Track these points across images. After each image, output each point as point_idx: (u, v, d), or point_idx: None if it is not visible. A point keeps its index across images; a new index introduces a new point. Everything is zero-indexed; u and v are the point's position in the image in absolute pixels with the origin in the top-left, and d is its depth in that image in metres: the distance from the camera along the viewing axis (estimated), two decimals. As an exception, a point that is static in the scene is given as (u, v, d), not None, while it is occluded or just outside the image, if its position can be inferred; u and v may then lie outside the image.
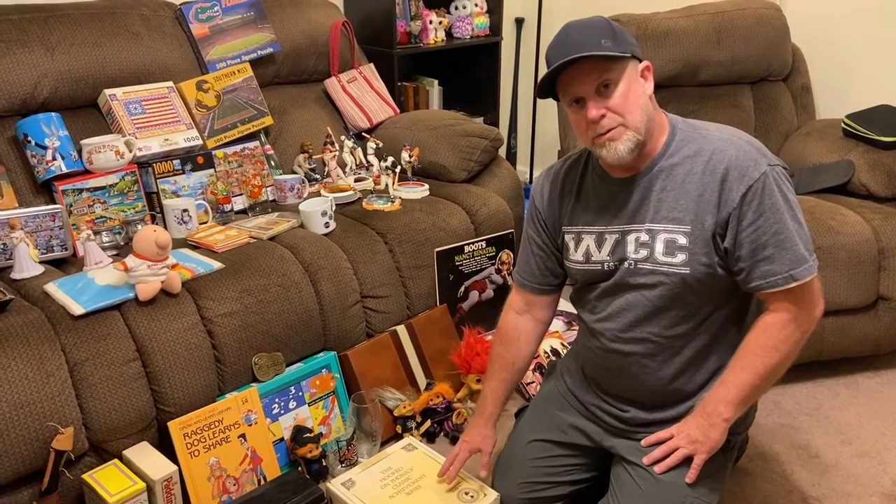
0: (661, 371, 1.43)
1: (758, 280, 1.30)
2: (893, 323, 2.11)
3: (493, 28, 3.30)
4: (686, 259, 1.33)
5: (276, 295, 1.80)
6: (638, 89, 1.31)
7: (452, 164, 2.41)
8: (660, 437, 1.45)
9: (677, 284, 1.35)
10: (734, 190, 1.28)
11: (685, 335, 1.40)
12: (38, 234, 1.82)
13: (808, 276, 1.28)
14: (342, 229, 2.06)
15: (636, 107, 1.30)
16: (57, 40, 2.04)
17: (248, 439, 1.71)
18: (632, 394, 1.49)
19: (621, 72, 1.29)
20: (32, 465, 1.47)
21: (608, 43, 1.27)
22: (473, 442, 1.61)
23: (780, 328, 1.31)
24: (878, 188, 2.21)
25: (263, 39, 2.46)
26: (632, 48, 1.31)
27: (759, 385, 1.34)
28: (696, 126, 1.38)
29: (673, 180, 1.34)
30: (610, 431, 1.54)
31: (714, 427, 1.38)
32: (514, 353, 1.62)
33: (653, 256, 1.36)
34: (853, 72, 2.65)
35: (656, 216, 1.35)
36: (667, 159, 1.35)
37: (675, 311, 1.38)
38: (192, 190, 2.14)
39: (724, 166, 1.29)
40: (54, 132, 1.94)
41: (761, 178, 1.27)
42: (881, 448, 1.90)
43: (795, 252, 1.28)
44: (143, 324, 1.62)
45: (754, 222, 1.27)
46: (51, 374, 1.48)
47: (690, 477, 1.40)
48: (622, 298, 1.42)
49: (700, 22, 2.56)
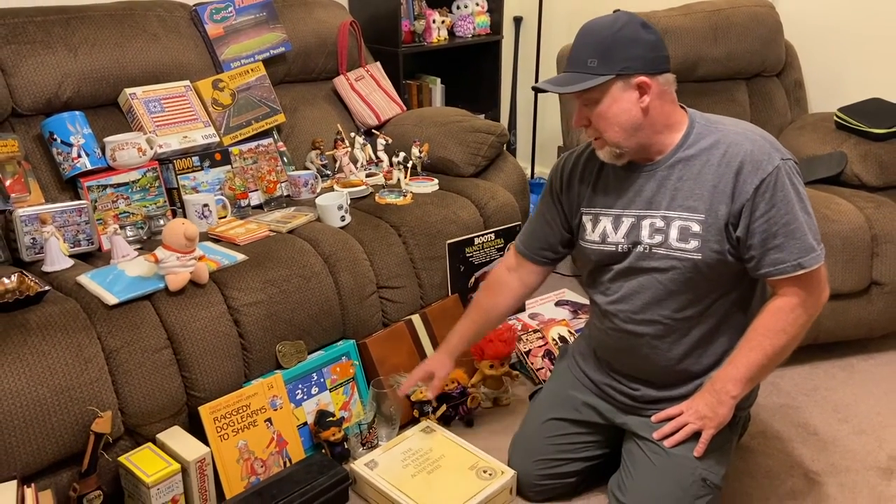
0: (671, 352, 1.51)
1: (768, 267, 1.38)
2: (886, 307, 2.20)
3: (493, 27, 3.37)
4: (699, 245, 1.41)
5: (298, 285, 1.87)
6: (621, 107, 1.38)
7: (460, 160, 2.49)
8: (669, 414, 1.53)
9: (689, 269, 1.42)
10: (748, 182, 1.36)
11: (694, 318, 1.48)
12: (65, 229, 1.88)
13: (815, 264, 1.36)
14: (357, 222, 2.13)
15: (615, 125, 1.39)
16: (79, 41, 2.10)
17: (273, 423, 1.78)
18: (642, 373, 1.57)
19: (603, 92, 1.37)
20: (72, 448, 1.54)
21: (594, 63, 1.35)
22: (430, 365, 1.76)
23: (789, 312, 1.39)
24: (870, 178, 2.30)
25: (275, 39, 2.52)
26: (622, 66, 1.35)
27: (766, 365, 1.43)
28: (712, 120, 1.45)
29: (690, 170, 1.41)
30: (621, 409, 1.62)
31: (722, 404, 1.46)
32: (491, 301, 1.74)
33: (667, 242, 1.43)
34: (844, 67, 2.74)
35: (672, 204, 1.43)
36: (684, 151, 1.42)
37: (686, 294, 1.45)
38: (210, 186, 2.21)
39: (739, 159, 1.37)
40: (79, 130, 2.00)
41: (774, 171, 1.35)
42: (877, 426, 1.99)
43: (804, 241, 1.36)
44: (173, 313, 1.69)
45: (766, 213, 1.35)
46: (89, 361, 1.55)
47: (699, 451, 1.48)
48: (635, 281, 1.49)
49: (697, 20, 2.64)
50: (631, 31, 1.36)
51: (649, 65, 1.37)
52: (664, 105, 1.41)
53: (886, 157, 2.29)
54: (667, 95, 1.41)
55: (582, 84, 1.36)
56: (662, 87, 1.40)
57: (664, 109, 1.41)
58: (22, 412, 1.45)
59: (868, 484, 1.77)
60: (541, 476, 1.67)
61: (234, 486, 1.69)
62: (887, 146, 2.31)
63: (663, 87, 1.40)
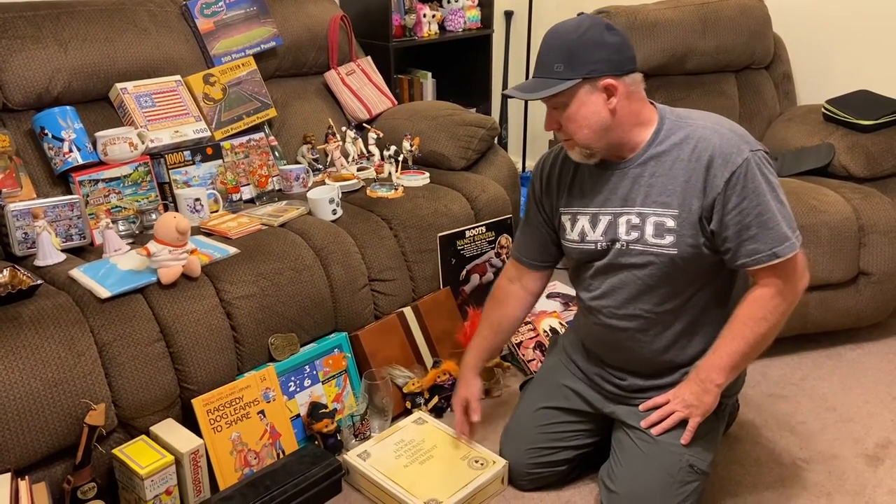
0: (654, 344, 1.53)
1: (744, 258, 1.40)
2: (873, 297, 2.23)
3: (484, 21, 3.38)
4: (674, 240, 1.43)
5: (290, 278, 1.88)
6: (589, 109, 1.40)
7: (451, 153, 2.50)
8: (656, 402, 1.56)
9: (666, 264, 1.45)
10: (718, 176, 1.38)
11: (675, 310, 1.50)
12: (57, 224, 1.88)
13: (790, 252, 1.38)
14: (349, 216, 2.14)
15: (584, 127, 1.41)
16: (70, 36, 2.10)
17: (266, 415, 1.79)
18: (629, 364, 1.59)
19: (570, 96, 1.40)
20: (66, 441, 1.55)
21: (560, 67, 1.38)
22: (462, 395, 1.75)
23: (768, 300, 1.41)
24: (857, 169, 2.32)
25: (266, 34, 2.53)
26: (588, 69, 1.37)
27: (748, 353, 1.45)
28: (682, 115, 1.47)
29: (661, 166, 1.43)
30: (610, 398, 1.64)
31: (707, 392, 1.48)
32: (500, 314, 1.75)
33: (643, 238, 1.46)
34: (832, 59, 2.77)
35: (646, 200, 1.45)
36: (655, 147, 1.44)
37: (665, 288, 1.48)
38: (202, 180, 2.21)
39: (708, 153, 1.39)
40: (70, 125, 2.00)
41: (744, 163, 1.36)
42: (864, 414, 2.02)
43: (778, 231, 1.37)
44: (165, 306, 1.70)
45: (738, 205, 1.37)
46: (81, 354, 1.56)
47: (685, 439, 1.51)
48: (615, 277, 1.52)
49: (686, 13, 2.66)
50: (595, 35, 1.38)
51: (615, 67, 1.39)
52: (632, 105, 1.43)
53: (873, 148, 2.31)
54: (635, 95, 1.43)
55: (549, 90, 1.39)
56: (629, 88, 1.41)
57: (632, 109, 1.43)
58: (15, 405, 1.46)
59: (855, 471, 1.80)
60: (532, 465, 1.69)
61: (228, 477, 1.70)
62: (874, 137, 2.33)
63: (630, 88, 1.42)
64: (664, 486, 1.50)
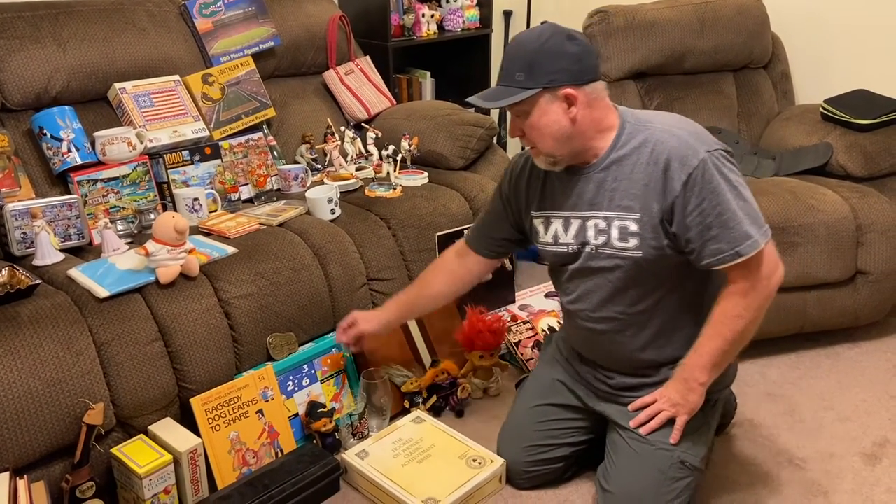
0: (632, 344, 1.55)
1: (708, 258, 1.40)
2: (871, 296, 2.23)
3: (483, 20, 3.38)
4: (638, 243, 1.45)
5: (288, 278, 1.88)
6: (550, 118, 1.42)
7: (450, 153, 2.50)
8: (644, 402, 1.58)
9: (632, 267, 1.47)
10: (676, 178, 1.38)
11: (648, 310, 1.52)
12: (56, 224, 1.89)
13: (752, 251, 1.38)
14: (347, 215, 2.14)
15: (545, 135, 1.43)
16: (68, 36, 2.11)
17: (265, 415, 1.79)
18: (613, 364, 1.62)
19: (531, 104, 1.42)
20: (64, 440, 1.55)
21: (521, 76, 1.39)
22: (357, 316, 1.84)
23: (742, 297, 1.42)
24: (855, 168, 2.32)
25: (265, 34, 2.53)
26: (548, 79, 1.38)
27: (728, 350, 1.47)
28: (642, 119, 1.48)
29: (623, 171, 1.45)
30: (600, 396, 1.66)
31: (692, 391, 1.50)
32: (430, 278, 1.81)
33: (610, 242, 1.48)
34: (830, 58, 2.77)
35: (611, 204, 1.47)
36: (617, 151, 1.46)
37: (635, 289, 1.50)
38: (200, 180, 2.22)
39: (665, 156, 1.40)
40: (68, 125, 2.00)
41: (700, 164, 1.37)
42: (861, 413, 2.02)
43: (739, 230, 1.37)
44: (164, 306, 1.70)
45: (698, 206, 1.38)
46: (80, 354, 1.56)
47: (674, 437, 1.53)
48: (589, 281, 1.54)
49: (684, 12, 2.66)
50: (556, 45, 1.39)
51: (575, 76, 1.40)
52: (594, 113, 1.44)
53: (871, 147, 2.32)
54: (596, 103, 1.44)
55: (509, 98, 1.40)
56: (590, 97, 1.42)
57: (594, 117, 1.44)
58: (14, 405, 1.46)
59: (852, 469, 1.80)
60: (529, 462, 1.70)
61: (226, 476, 1.70)
62: (872, 137, 2.34)
63: (591, 97, 1.43)
64: (657, 483, 1.51)
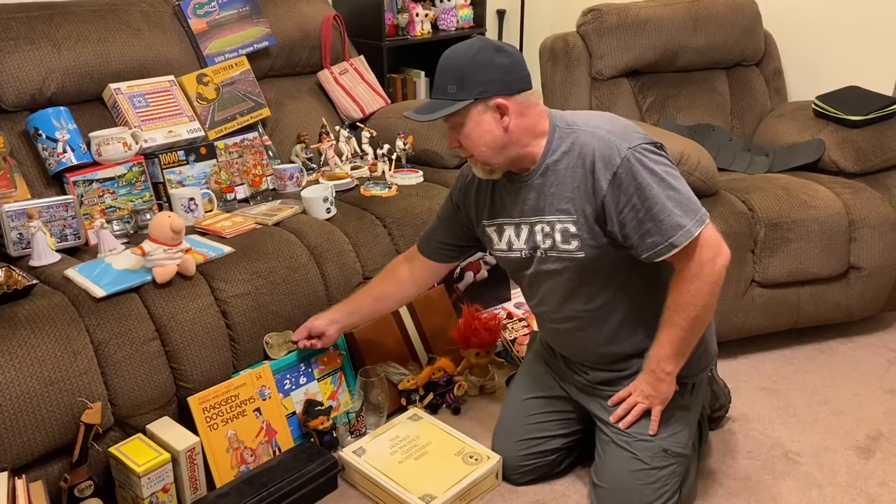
0: (597, 339, 1.58)
1: (646, 252, 1.42)
2: (864, 291, 2.25)
3: (476, 20, 3.40)
4: (579, 244, 1.48)
5: (285, 277, 1.89)
6: (483, 128, 1.44)
7: (445, 151, 2.51)
8: (620, 397, 1.61)
9: (578, 267, 1.50)
10: (601, 178, 1.41)
11: (605, 305, 1.54)
12: (52, 224, 1.89)
13: (685, 240, 1.39)
14: (343, 214, 2.15)
15: (479, 144, 1.46)
16: (63, 37, 2.11)
17: (262, 413, 1.80)
18: (585, 359, 1.65)
19: (464, 115, 1.44)
20: (62, 440, 1.55)
21: (453, 89, 1.42)
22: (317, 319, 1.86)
23: (688, 284, 1.43)
24: (848, 164, 2.34)
25: (259, 33, 2.53)
26: (479, 90, 1.41)
27: (686, 338, 1.48)
28: (569, 122, 1.50)
29: (557, 175, 1.48)
30: (581, 390, 1.69)
31: (661, 381, 1.53)
32: (378, 283, 1.87)
33: (555, 245, 1.51)
34: (822, 55, 2.79)
35: (551, 209, 1.50)
36: (550, 157, 1.49)
37: (588, 287, 1.53)
38: (196, 180, 2.22)
39: (590, 158, 1.42)
40: (64, 125, 2.01)
41: (623, 162, 1.39)
42: (855, 407, 2.04)
43: (670, 221, 1.38)
44: (160, 305, 1.70)
45: (627, 203, 1.40)
46: (77, 353, 1.56)
47: (652, 429, 1.56)
48: (545, 285, 1.58)
49: (677, 10, 2.67)
50: (485, 57, 1.41)
51: (505, 87, 1.42)
52: (526, 121, 1.46)
53: (863, 143, 2.33)
54: (528, 111, 1.46)
55: (442, 111, 1.43)
56: (521, 106, 1.45)
57: (526, 124, 1.46)
58: (12, 404, 1.47)
59: (847, 463, 1.82)
60: (523, 456, 1.72)
61: (224, 475, 1.71)
62: (864, 133, 2.35)
63: (522, 106, 1.45)
64: (643, 473, 1.54)
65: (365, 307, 1.88)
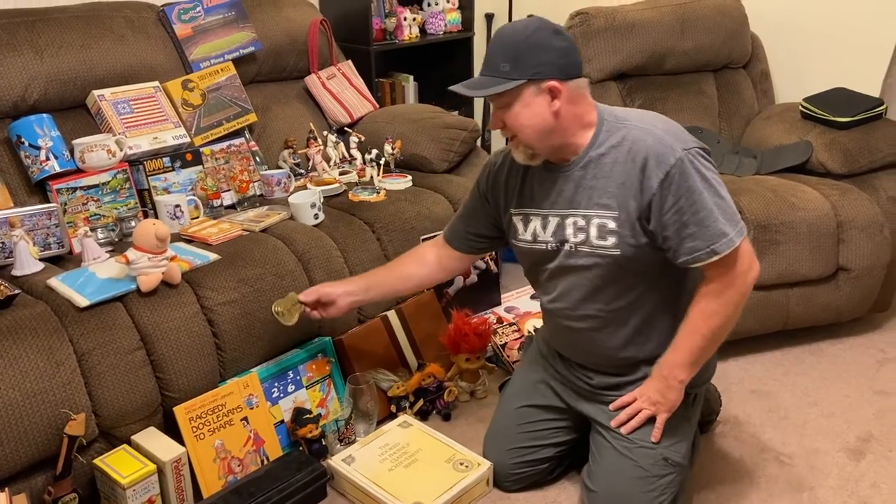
0: (611, 342, 1.56)
1: (684, 256, 1.41)
2: (853, 292, 2.25)
3: (465, 23, 3.39)
4: (616, 241, 1.45)
5: (272, 284, 1.87)
6: (532, 110, 1.41)
7: (433, 156, 2.50)
8: (624, 401, 1.58)
9: (611, 265, 1.47)
10: (653, 177, 1.39)
11: (627, 308, 1.52)
12: (35, 233, 1.87)
13: (727, 249, 1.38)
14: (331, 220, 2.13)
15: (527, 127, 1.43)
16: (45, 43, 2.09)
17: (250, 422, 1.78)
18: (592, 363, 1.62)
19: (515, 96, 1.41)
20: (46, 452, 1.53)
21: (506, 67, 1.39)
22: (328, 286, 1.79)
23: (718, 294, 1.43)
24: (835, 166, 2.34)
25: (245, 38, 2.52)
26: (533, 71, 1.38)
27: (706, 347, 1.48)
28: (619, 117, 1.48)
29: (601, 169, 1.46)
30: (582, 396, 1.67)
31: (671, 389, 1.51)
32: (405, 261, 1.82)
33: (588, 240, 1.48)
34: (809, 57, 2.79)
35: (589, 202, 1.47)
36: (595, 150, 1.46)
37: (614, 287, 1.50)
38: (181, 186, 2.20)
39: (642, 155, 1.40)
40: (47, 133, 1.98)
41: (677, 163, 1.38)
42: (846, 408, 2.04)
43: (715, 228, 1.38)
44: (145, 314, 1.68)
45: (675, 205, 1.38)
46: (60, 364, 1.54)
47: (655, 436, 1.54)
48: (567, 280, 1.54)
49: (664, 13, 2.68)
50: (542, 38, 1.39)
51: (560, 70, 1.40)
52: (575, 108, 1.44)
53: (850, 145, 2.34)
54: (578, 99, 1.44)
55: (494, 88, 1.40)
56: (573, 92, 1.43)
57: (575, 113, 1.44)
58: (-7, 417, 1.44)
59: (837, 465, 1.81)
60: (515, 464, 1.70)
61: (212, 485, 1.69)
62: (851, 134, 2.36)
63: (574, 92, 1.43)
64: (641, 481, 1.52)
65: (386, 284, 1.81)
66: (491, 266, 2.45)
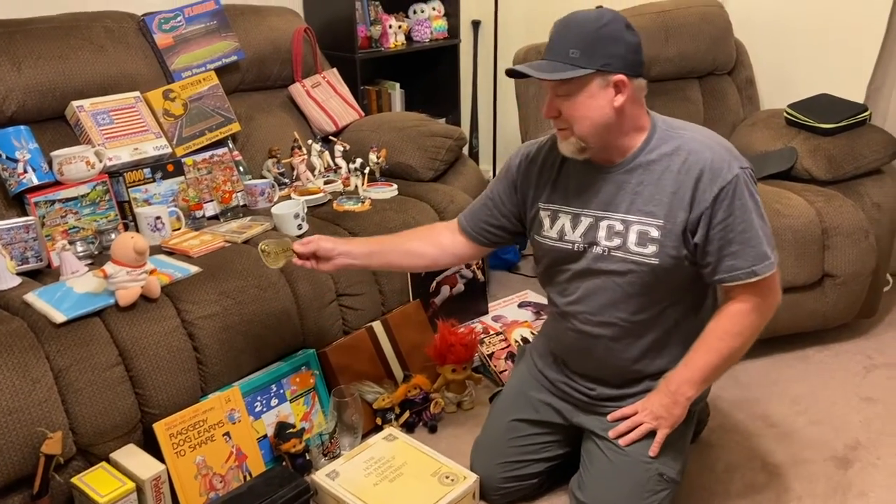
0: (626, 353, 1.52)
1: (722, 273, 1.40)
2: (839, 298, 2.25)
3: (451, 31, 3.37)
4: (656, 250, 1.42)
5: (254, 296, 1.84)
6: (596, 103, 1.37)
7: (419, 164, 2.48)
8: (624, 413, 1.55)
9: (646, 273, 1.44)
10: (707, 191, 1.37)
11: (649, 321, 1.49)
12: (12, 247, 1.83)
13: (768, 271, 1.39)
14: (315, 230, 2.11)
15: (585, 119, 1.38)
16: (23, 55, 2.06)
17: (232, 437, 1.75)
18: (597, 373, 1.59)
19: (580, 85, 1.36)
20: (22, 471, 1.50)
21: (576, 54, 1.34)
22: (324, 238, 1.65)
23: (744, 316, 1.42)
24: (820, 172, 2.34)
25: (227, 47, 2.50)
26: (603, 61, 1.34)
27: (720, 366, 1.47)
28: (674, 126, 1.46)
29: (650, 175, 1.42)
30: (579, 407, 1.63)
31: (677, 405, 1.49)
32: (417, 238, 1.74)
33: (625, 245, 1.45)
34: (793, 64, 2.80)
35: (631, 207, 1.44)
36: (645, 155, 1.43)
37: (642, 297, 1.47)
38: (163, 197, 2.17)
39: (699, 167, 1.38)
40: (24, 145, 1.95)
41: (734, 180, 1.36)
42: (833, 416, 2.03)
43: (759, 249, 1.38)
44: (124, 329, 1.66)
45: (724, 220, 1.37)
46: (36, 381, 1.51)
47: (654, 451, 1.50)
48: (592, 282, 1.50)
49: (648, 21, 2.67)
50: (615, 29, 1.35)
51: (628, 66, 1.37)
52: (634, 109, 1.42)
53: (835, 151, 2.34)
54: (638, 100, 1.42)
55: (564, 73, 1.35)
56: (636, 91, 1.40)
57: (634, 113, 1.42)
58: (-33, 436, 1.41)
59: (825, 474, 1.80)
60: (503, 479, 1.67)
61: (193, 502, 1.66)
62: (835, 141, 2.36)
63: (636, 92, 1.41)
64: (633, 495, 1.49)
65: (392, 255, 1.70)
66: (478, 275, 2.43)
